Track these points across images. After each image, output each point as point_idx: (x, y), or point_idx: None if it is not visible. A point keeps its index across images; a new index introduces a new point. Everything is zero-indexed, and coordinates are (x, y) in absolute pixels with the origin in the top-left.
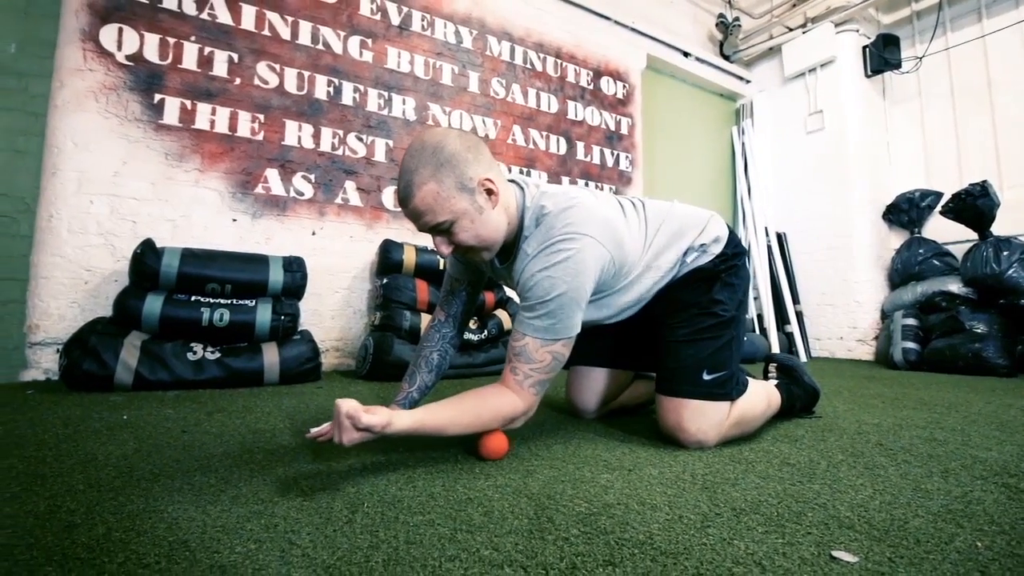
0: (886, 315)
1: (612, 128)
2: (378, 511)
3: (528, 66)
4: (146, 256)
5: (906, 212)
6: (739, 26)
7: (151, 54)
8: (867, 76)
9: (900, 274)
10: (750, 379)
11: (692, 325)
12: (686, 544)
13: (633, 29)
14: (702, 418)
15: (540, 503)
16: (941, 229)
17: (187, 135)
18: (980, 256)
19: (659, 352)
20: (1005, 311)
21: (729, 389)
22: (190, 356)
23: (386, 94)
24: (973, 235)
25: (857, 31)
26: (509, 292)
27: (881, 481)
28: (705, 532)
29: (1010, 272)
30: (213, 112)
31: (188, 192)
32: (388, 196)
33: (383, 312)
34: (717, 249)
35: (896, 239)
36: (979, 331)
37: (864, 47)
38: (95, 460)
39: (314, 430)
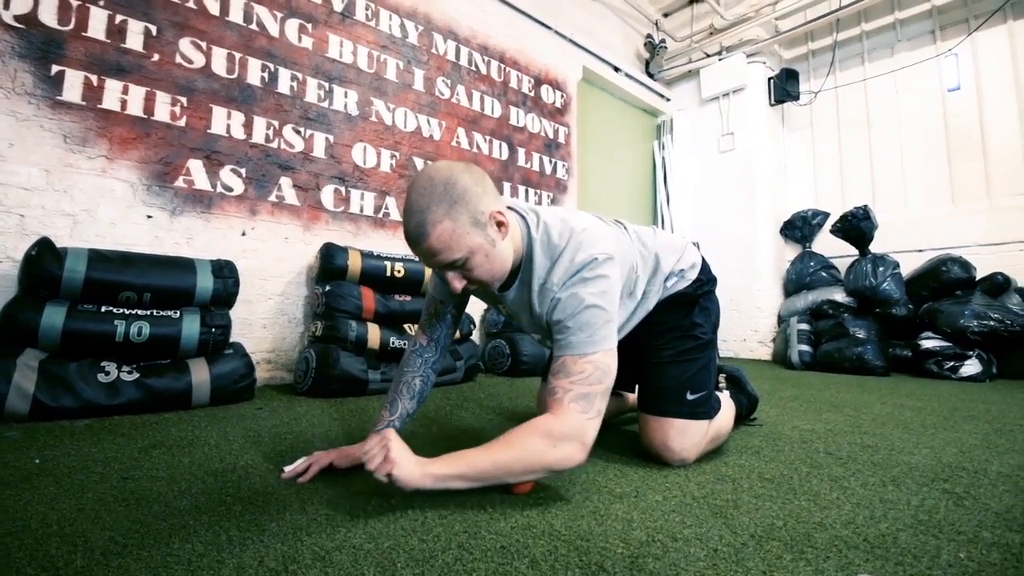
0: (782, 320)
1: (551, 136)
2: (419, 574)
3: (473, 68)
4: (44, 259)
5: (799, 229)
6: (665, 47)
7: (48, 17)
8: (771, 105)
9: (794, 284)
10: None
11: (675, 347)
12: None
13: (572, 41)
14: (685, 437)
15: (577, 546)
16: (827, 245)
17: (92, 115)
18: (860, 270)
19: (642, 373)
20: (880, 319)
21: (708, 408)
22: (102, 377)
23: (327, 85)
24: (854, 251)
25: (764, 63)
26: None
27: (850, 494)
28: (744, 566)
29: (884, 285)
30: (125, 91)
31: (92, 183)
32: (327, 195)
33: (325, 322)
34: (693, 275)
35: (791, 252)
36: (860, 336)
37: (769, 78)
38: (29, 528)
39: (288, 469)
